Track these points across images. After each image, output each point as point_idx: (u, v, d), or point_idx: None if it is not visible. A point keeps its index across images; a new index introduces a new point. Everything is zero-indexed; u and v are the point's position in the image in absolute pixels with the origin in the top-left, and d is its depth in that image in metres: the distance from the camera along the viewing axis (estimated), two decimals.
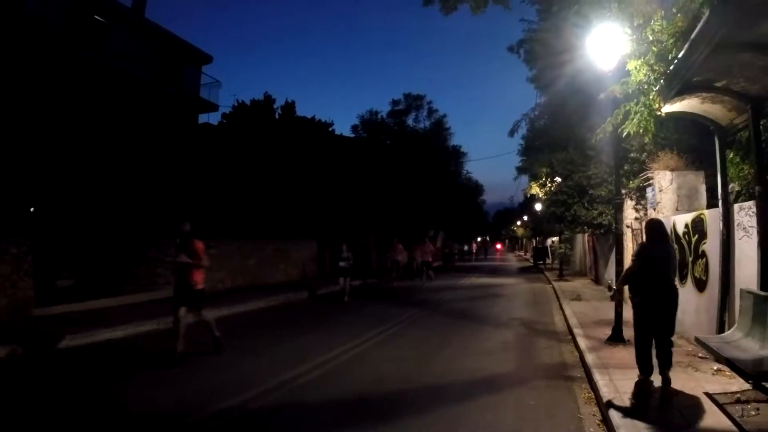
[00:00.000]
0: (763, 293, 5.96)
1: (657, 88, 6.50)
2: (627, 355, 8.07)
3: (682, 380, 6.44)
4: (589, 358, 7.88)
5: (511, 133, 29.21)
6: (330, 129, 30.76)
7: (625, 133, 7.11)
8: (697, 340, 6.61)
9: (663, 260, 6.24)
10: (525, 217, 67.04)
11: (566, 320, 12.46)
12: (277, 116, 29.18)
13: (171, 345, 8.43)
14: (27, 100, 16.68)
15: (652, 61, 6.54)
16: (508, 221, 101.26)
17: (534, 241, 46.61)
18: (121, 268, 16.45)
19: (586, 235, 23.11)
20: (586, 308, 13.77)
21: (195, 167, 24.44)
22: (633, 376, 6.66)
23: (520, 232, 78.01)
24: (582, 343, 9.16)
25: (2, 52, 15.82)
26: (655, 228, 6.44)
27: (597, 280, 20.80)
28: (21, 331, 10.32)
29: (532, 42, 26.69)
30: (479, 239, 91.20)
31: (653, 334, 6.16)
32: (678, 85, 5.86)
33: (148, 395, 6.63)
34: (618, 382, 6.44)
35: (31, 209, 17.32)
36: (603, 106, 12.62)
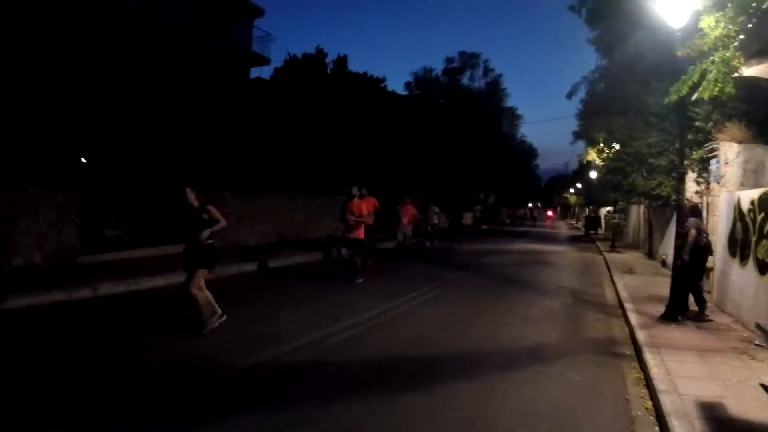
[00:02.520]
0: None
1: (736, 43, 6.00)
2: (680, 335, 7.76)
3: (738, 369, 6.12)
4: (640, 335, 7.56)
5: (569, 96, 28.30)
6: (382, 85, 30.35)
7: (699, 96, 6.59)
8: (757, 325, 6.24)
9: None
10: (578, 185, 65.72)
11: (617, 293, 12.07)
12: (328, 71, 28.91)
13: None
14: (79, 52, 16.81)
15: (730, 14, 6.01)
16: (561, 188, 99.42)
17: (587, 209, 45.56)
18: (167, 219, 16.62)
19: (642, 206, 22.39)
20: (638, 282, 13.32)
21: (246, 121, 24.46)
22: (686, 358, 6.39)
23: (572, 199, 76.60)
24: (633, 318, 8.84)
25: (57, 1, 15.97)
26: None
27: (650, 254, 20.16)
28: (64, 278, 10.44)
29: (594, 0, 25.62)
30: (530, 205, 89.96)
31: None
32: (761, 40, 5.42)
33: (181, 347, 6.59)
34: (669, 363, 6.15)
35: (83, 159, 17.60)
36: (671, 69, 12.04)
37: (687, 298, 9.08)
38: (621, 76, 20.33)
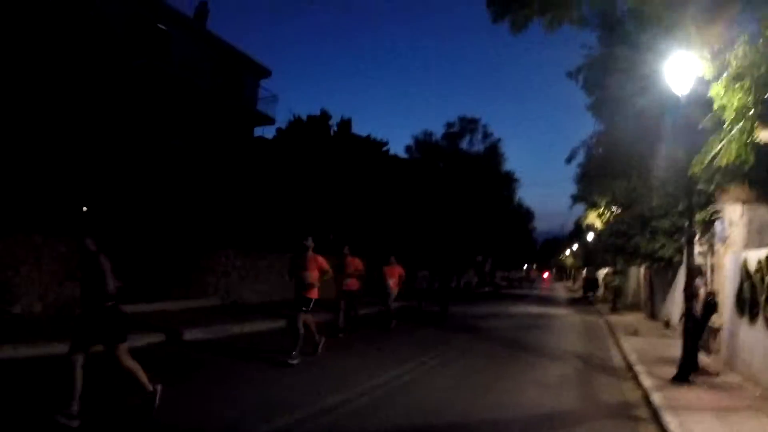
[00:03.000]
0: None
1: (751, 113, 6.16)
2: (694, 395, 7.72)
3: (754, 428, 6.07)
4: (656, 398, 7.50)
5: (569, 160, 28.68)
6: (384, 149, 30.80)
7: (722, 163, 6.70)
8: None
9: None
10: (575, 247, 65.94)
11: (624, 356, 12.01)
12: (332, 133, 29.35)
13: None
14: (87, 101, 17.04)
15: (747, 86, 6.18)
16: (556, 250, 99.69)
17: (584, 271, 45.61)
18: (171, 274, 16.49)
19: (642, 268, 22.45)
20: (644, 344, 13.27)
21: (250, 179, 24.65)
22: (703, 418, 6.35)
23: (569, 261, 76.70)
24: (645, 381, 8.78)
25: (68, 49, 16.26)
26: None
27: (652, 316, 20.12)
28: (65, 329, 10.01)
29: (591, 68, 26.27)
30: (525, 267, 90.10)
31: None
32: None
33: (196, 415, 6.47)
34: (689, 425, 6.10)
35: (84, 209, 17.54)
36: (674, 134, 12.30)
37: (696, 356, 9.06)
38: (619, 140, 20.71)
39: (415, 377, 8.98)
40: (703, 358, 9.68)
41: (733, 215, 10.71)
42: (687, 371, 8.69)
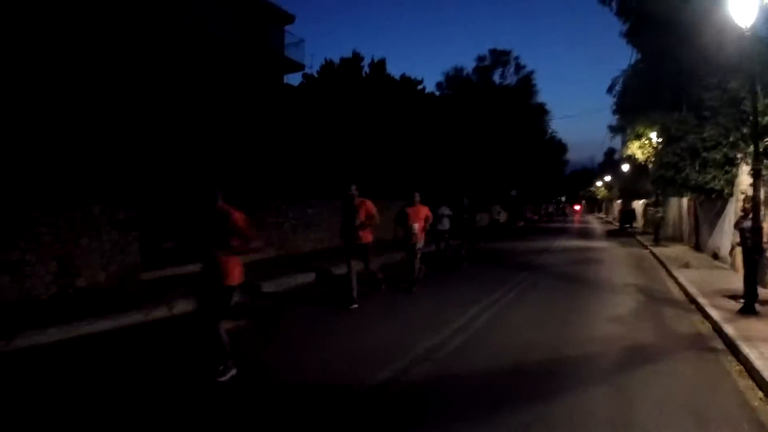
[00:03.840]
0: None
1: None
2: (765, 326, 8.13)
3: None
4: (728, 329, 7.97)
5: (610, 90, 29.01)
6: (419, 87, 30.82)
7: None
8: None
9: None
10: (607, 178, 65.63)
11: (682, 289, 12.47)
12: (365, 75, 29.37)
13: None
14: (113, 61, 17.03)
15: None
16: (586, 182, 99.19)
17: (622, 203, 45.68)
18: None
19: (685, 199, 22.63)
20: (698, 276, 13.65)
21: (284, 128, 24.75)
22: None
23: (601, 193, 76.47)
24: (713, 313, 9.23)
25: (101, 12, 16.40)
26: None
27: (698, 248, 20.44)
28: (134, 297, 10.66)
29: None
30: (562, 199, 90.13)
31: None
32: None
33: (296, 363, 7.02)
34: None
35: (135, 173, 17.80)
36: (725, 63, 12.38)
37: (756, 288, 9.43)
38: (662, 70, 20.63)
39: (492, 317, 9.52)
40: (760, 290, 10.03)
41: None
42: (752, 302, 9.10)
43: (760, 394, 5.75)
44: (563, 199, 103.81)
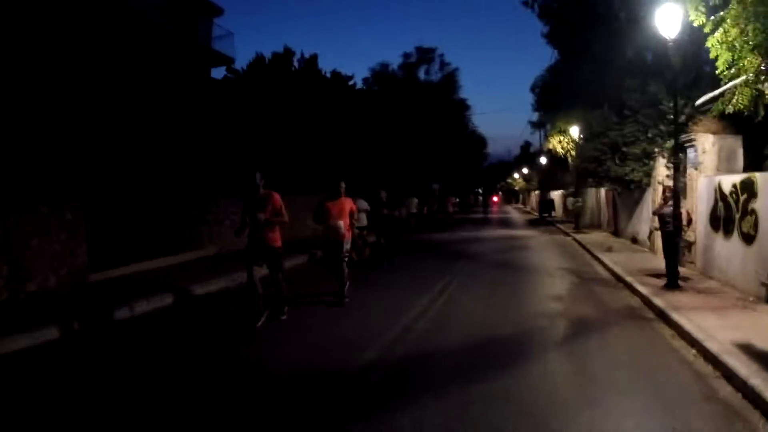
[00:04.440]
0: None
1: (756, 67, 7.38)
2: (687, 299, 9.35)
3: (748, 319, 7.73)
4: (658, 302, 9.12)
5: (533, 89, 30.61)
6: (351, 83, 31.39)
7: (731, 108, 7.89)
8: (763, 283, 7.91)
9: None
10: (525, 170, 68.32)
11: (609, 269, 13.73)
12: (294, 69, 29.53)
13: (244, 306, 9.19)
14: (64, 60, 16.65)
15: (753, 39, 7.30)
16: (504, 174, 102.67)
17: (540, 194, 47.90)
18: (163, 229, 16.26)
19: (603, 189, 24.33)
20: (622, 258, 14.96)
21: (209, 122, 24.32)
22: (704, 315, 7.94)
23: (519, 184, 79.42)
24: (641, 289, 10.41)
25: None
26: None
27: (617, 233, 22.09)
28: (89, 300, 10.24)
29: None
30: (479, 191, 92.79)
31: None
32: None
33: (285, 346, 7.69)
34: (695, 320, 7.66)
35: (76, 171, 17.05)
36: (641, 67, 13.67)
37: (677, 266, 10.71)
38: (583, 71, 22.17)
39: (447, 301, 10.35)
40: (679, 269, 11.34)
41: (706, 144, 12.28)
42: (675, 278, 10.36)
43: (693, 351, 6.80)
44: (480, 190, 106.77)
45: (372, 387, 5.74)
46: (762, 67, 6.92)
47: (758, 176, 9.52)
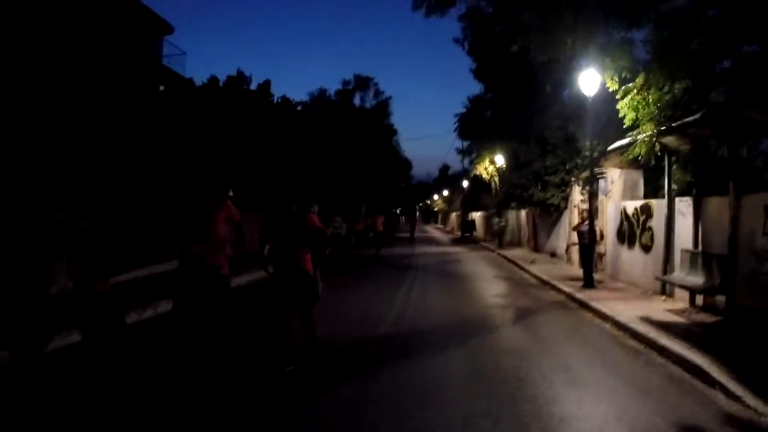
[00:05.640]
0: (695, 250, 10.23)
1: (651, 130, 10.37)
2: (603, 294, 12.24)
3: (647, 305, 10.66)
4: (579, 296, 12.02)
5: (459, 120, 33.69)
6: (298, 109, 33.52)
7: (632, 156, 10.87)
8: (657, 279, 10.94)
9: None
10: (445, 192, 72.11)
11: (535, 276, 16.63)
12: (247, 91, 31.24)
13: None
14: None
15: (652, 110, 10.33)
16: (423, 195, 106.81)
17: (462, 214, 51.21)
18: (132, 243, 15.75)
19: (524, 211, 27.63)
20: (545, 268, 17.93)
21: (156, 140, 24.44)
22: (616, 303, 10.82)
23: (439, 205, 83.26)
24: (564, 288, 13.32)
25: None
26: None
27: (536, 249, 25.31)
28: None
29: (476, 36, 30.36)
30: (397, 211, 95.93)
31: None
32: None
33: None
34: (609, 306, 10.51)
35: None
36: (559, 111, 16.77)
37: (592, 270, 13.69)
38: (506, 107, 25.45)
39: (417, 300, 12.62)
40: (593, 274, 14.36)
41: (614, 175, 15.46)
42: (591, 279, 13.32)
43: (609, 324, 9.61)
44: (398, 210, 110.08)
45: (394, 347, 8.18)
46: (654, 131, 9.96)
47: (654, 202, 12.64)
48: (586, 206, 15.98)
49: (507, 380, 6.38)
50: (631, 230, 13.64)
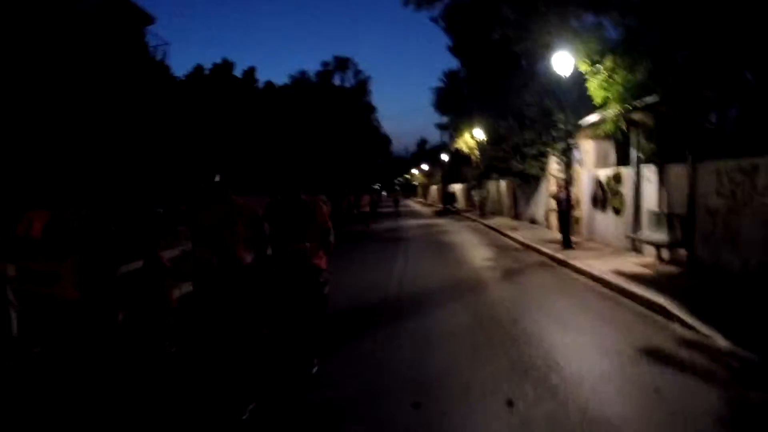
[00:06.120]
0: (658, 211, 11.67)
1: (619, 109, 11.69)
2: (580, 253, 13.65)
3: (618, 260, 12.09)
4: (559, 256, 13.43)
5: (438, 96, 34.92)
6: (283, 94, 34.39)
7: (603, 131, 12.24)
8: (627, 236, 12.42)
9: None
10: (425, 166, 73.39)
11: (517, 241, 18.03)
12: (233, 79, 32.13)
13: None
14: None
15: (619, 91, 11.62)
16: (402, 170, 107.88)
17: (443, 187, 52.46)
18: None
19: (504, 182, 29.04)
20: (526, 234, 19.32)
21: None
22: (592, 260, 12.23)
23: (419, 179, 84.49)
24: (545, 250, 14.74)
25: None
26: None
27: (517, 217, 26.79)
28: None
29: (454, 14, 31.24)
30: (376, 186, 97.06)
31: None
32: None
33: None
34: (586, 262, 11.92)
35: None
36: (537, 88, 18.06)
37: (569, 232, 15.11)
38: (483, 83, 26.66)
39: (414, 266, 13.96)
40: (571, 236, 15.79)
41: (587, 146, 16.84)
42: (569, 241, 14.73)
43: (585, 277, 11.00)
44: (378, 186, 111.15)
45: (403, 306, 9.41)
46: (621, 110, 11.27)
47: (623, 170, 14.04)
48: (562, 175, 17.22)
49: (503, 322, 7.75)
50: (604, 196, 15.05)
